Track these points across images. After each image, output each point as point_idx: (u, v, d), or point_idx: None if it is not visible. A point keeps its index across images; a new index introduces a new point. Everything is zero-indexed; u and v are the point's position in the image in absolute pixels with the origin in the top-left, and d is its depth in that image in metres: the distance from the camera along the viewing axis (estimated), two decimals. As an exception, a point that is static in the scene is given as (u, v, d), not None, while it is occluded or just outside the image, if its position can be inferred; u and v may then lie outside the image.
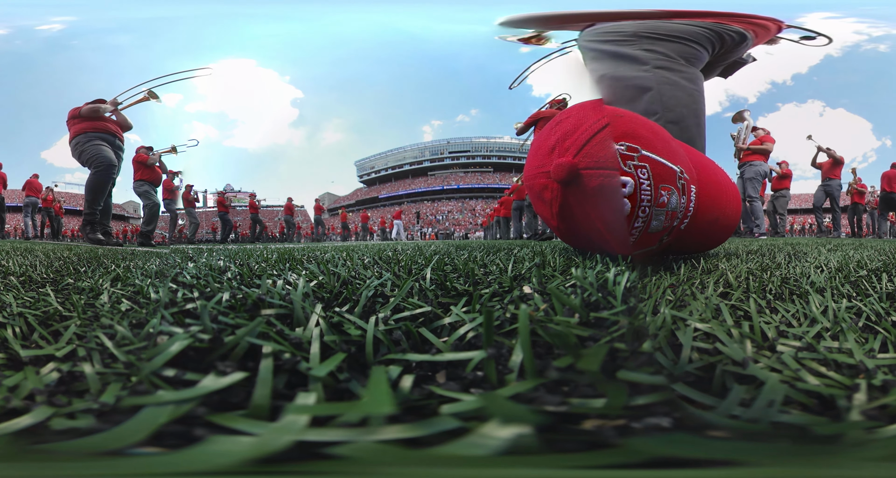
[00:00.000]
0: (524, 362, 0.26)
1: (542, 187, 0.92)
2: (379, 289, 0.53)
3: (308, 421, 0.21)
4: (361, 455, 0.19)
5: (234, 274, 0.73)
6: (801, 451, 0.22)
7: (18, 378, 0.29)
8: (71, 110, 3.97)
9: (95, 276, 0.88)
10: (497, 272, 0.71)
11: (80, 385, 0.29)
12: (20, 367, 0.33)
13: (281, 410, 0.22)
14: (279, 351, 0.29)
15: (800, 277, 0.77)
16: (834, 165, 6.95)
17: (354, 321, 0.37)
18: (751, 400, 0.25)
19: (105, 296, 0.60)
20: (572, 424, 0.22)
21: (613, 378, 0.25)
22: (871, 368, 0.31)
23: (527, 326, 0.27)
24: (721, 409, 0.24)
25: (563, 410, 0.22)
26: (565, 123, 0.90)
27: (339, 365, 0.29)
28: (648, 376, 0.25)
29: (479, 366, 0.29)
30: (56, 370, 0.31)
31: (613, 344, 0.30)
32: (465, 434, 0.20)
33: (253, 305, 0.42)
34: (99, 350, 0.35)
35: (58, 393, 0.27)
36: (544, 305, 0.40)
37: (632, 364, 0.29)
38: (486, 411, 0.21)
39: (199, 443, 0.19)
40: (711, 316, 0.43)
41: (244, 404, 0.24)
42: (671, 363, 0.31)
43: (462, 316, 0.39)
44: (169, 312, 0.41)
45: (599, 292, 0.46)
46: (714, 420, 0.23)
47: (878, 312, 0.48)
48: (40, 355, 0.35)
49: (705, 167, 1.08)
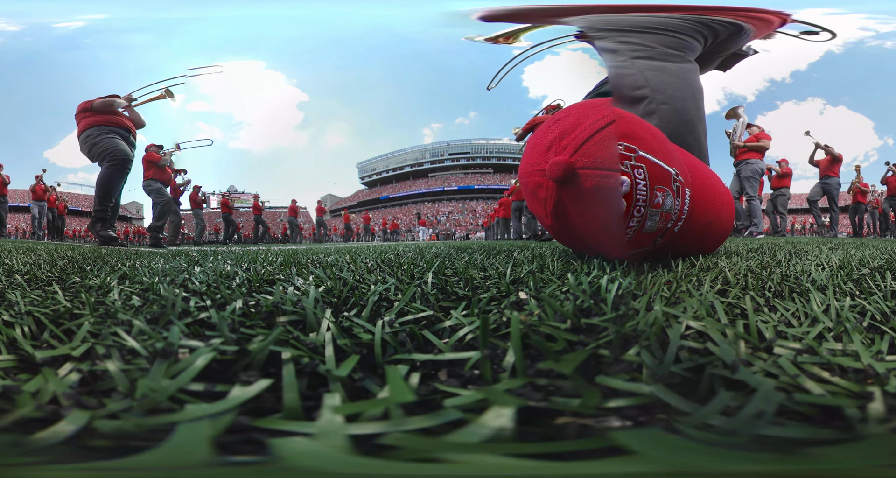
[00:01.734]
0: (515, 362, 0.29)
1: (537, 185, 0.92)
2: (383, 294, 0.55)
3: (343, 418, 0.23)
4: (401, 443, 0.21)
5: (243, 279, 0.74)
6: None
7: (39, 382, 0.28)
8: (81, 103, 3.78)
9: (102, 274, 0.88)
10: (496, 276, 0.72)
11: (102, 385, 0.29)
12: (32, 369, 0.32)
13: (310, 410, 0.24)
14: (298, 356, 0.31)
15: (800, 274, 0.76)
16: (832, 163, 6.81)
17: (364, 325, 0.39)
18: (737, 408, 0.24)
19: (115, 293, 0.60)
20: (551, 419, 0.25)
21: (592, 382, 0.27)
22: (881, 372, 0.29)
23: (518, 332, 0.30)
24: (695, 417, 0.23)
25: (543, 405, 0.25)
26: (564, 122, 0.89)
27: (354, 366, 0.31)
28: (625, 382, 0.27)
29: (475, 365, 0.32)
30: (76, 370, 0.30)
31: (598, 350, 0.32)
32: (465, 425, 0.23)
33: (268, 314, 0.44)
34: (118, 347, 0.34)
35: (83, 394, 0.27)
36: (538, 311, 0.42)
37: (612, 370, 0.30)
38: (487, 402, 0.24)
39: (272, 448, 0.21)
40: (706, 314, 0.42)
41: (274, 408, 0.26)
42: (656, 363, 0.29)
43: (461, 320, 0.41)
44: (183, 323, 0.40)
45: (591, 299, 0.47)
46: (683, 430, 0.23)
47: (884, 312, 0.46)
48: (56, 356, 0.34)
49: (700, 172, 1.09)
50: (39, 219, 8.63)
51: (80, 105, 3.80)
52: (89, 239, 20.05)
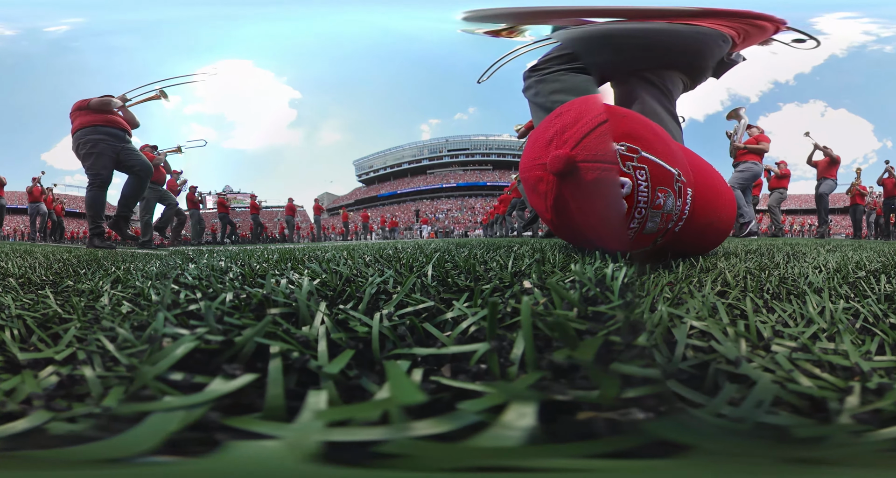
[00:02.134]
0: (525, 350, 0.27)
1: (538, 179, 0.92)
2: (381, 286, 0.54)
3: (327, 421, 0.21)
4: (407, 451, 0.19)
5: (236, 274, 0.73)
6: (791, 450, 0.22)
7: (15, 382, 0.28)
8: (77, 102, 3.73)
9: (95, 278, 0.88)
10: (497, 269, 0.71)
11: (80, 389, 0.28)
12: (18, 370, 0.32)
13: (296, 410, 0.22)
14: (287, 350, 0.29)
15: (798, 277, 0.77)
16: (830, 165, 6.80)
17: (360, 318, 0.37)
18: (741, 399, 0.25)
19: (105, 298, 0.60)
20: (569, 415, 0.23)
21: (607, 370, 0.25)
22: (866, 370, 0.31)
23: (529, 316, 0.28)
24: (710, 407, 0.24)
25: (568, 398, 0.23)
26: (565, 116, 0.90)
27: (349, 362, 0.29)
28: (641, 368, 0.26)
29: (480, 359, 0.30)
30: (55, 374, 0.30)
31: (609, 337, 0.31)
32: (486, 427, 0.20)
33: (258, 305, 0.42)
34: (100, 353, 0.34)
35: (57, 397, 0.27)
36: (544, 300, 0.41)
37: (625, 357, 0.29)
38: (508, 399, 0.22)
39: (218, 448, 0.19)
40: (708, 314, 0.43)
41: (257, 405, 0.24)
42: (666, 360, 0.31)
43: (464, 311, 0.39)
44: (172, 314, 0.40)
45: (597, 287, 0.46)
46: (701, 417, 0.24)
47: (876, 314, 0.48)
48: (39, 359, 0.34)
49: (703, 170, 1.08)
50: (40, 220, 8.61)
51: (75, 104, 3.74)
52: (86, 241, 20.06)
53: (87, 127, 3.63)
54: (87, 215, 3.67)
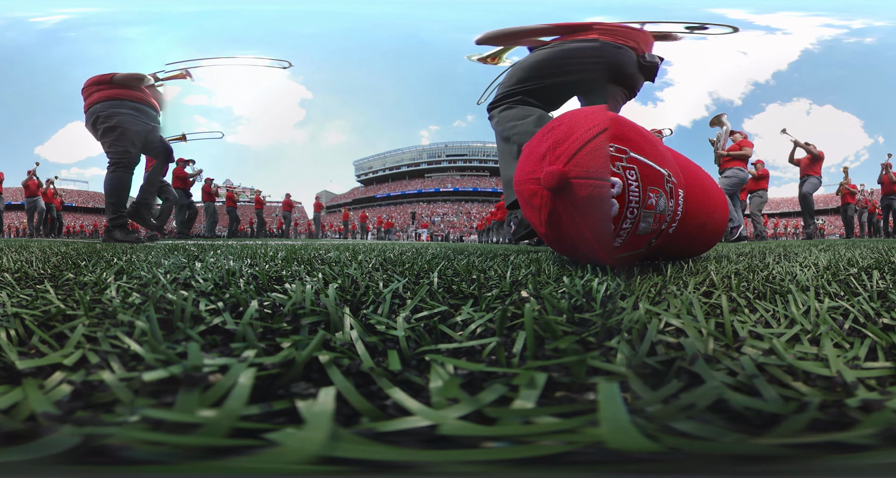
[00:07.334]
0: (527, 344, 0.32)
1: (532, 193, 0.93)
2: (395, 291, 0.57)
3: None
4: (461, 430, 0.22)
5: (249, 276, 0.72)
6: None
7: (17, 396, 0.24)
8: (95, 76, 3.21)
9: (97, 270, 0.85)
10: (496, 278, 0.73)
11: (101, 397, 0.25)
12: (16, 379, 0.28)
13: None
14: (335, 358, 0.30)
15: (784, 275, 0.76)
16: (813, 161, 6.51)
17: (386, 322, 0.40)
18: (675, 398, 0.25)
19: (112, 290, 0.56)
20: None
21: (583, 362, 0.29)
22: (850, 381, 0.27)
23: (531, 317, 0.33)
24: (643, 401, 0.24)
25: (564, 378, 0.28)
26: (557, 130, 0.90)
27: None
28: (603, 362, 0.30)
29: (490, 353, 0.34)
30: (67, 382, 0.26)
31: (587, 338, 0.36)
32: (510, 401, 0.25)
33: (293, 316, 0.42)
34: (118, 353, 0.31)
35: (77, 409, 0.23)
36: (538, 307, 0.46)
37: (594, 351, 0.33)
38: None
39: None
40: (687, 312, 0.43)
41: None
42: (633, 353, 0.31)
43: (472, 314, 0.44)
44: (197, 332, 0.36)
45: (584, 298, 0.52)
46: (641, 409, 0.24)
47: (867, 313, 0.44)
48: (43, 365, 0.30)
49: (693, 172, 1.09)
50: (38, 216, 8.46)
51: (91, 78, 3.22)
52: (85, 236, 19.91)
53: (110, 100, 3.15)
54: (106, 203, 3.20)
